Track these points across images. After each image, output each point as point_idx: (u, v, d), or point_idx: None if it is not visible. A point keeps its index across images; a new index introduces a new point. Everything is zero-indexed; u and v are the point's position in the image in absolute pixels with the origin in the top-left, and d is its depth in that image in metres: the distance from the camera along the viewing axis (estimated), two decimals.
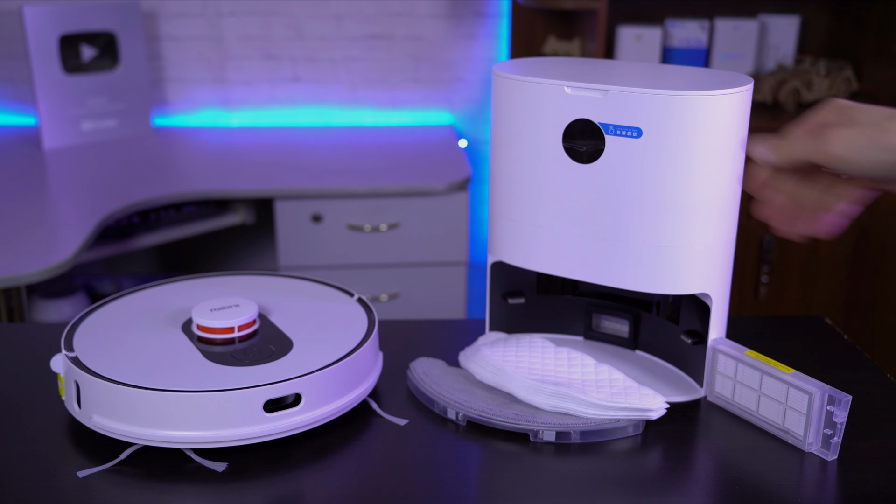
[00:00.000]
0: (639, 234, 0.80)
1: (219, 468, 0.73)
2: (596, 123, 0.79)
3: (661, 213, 0.79)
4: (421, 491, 0.72)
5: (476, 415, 0.80)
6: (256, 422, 0.74)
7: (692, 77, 0.81)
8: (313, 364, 0.78)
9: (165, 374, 0.76)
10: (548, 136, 0.81)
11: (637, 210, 0.79)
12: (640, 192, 0.79)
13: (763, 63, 2.45)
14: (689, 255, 0.80)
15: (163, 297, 0.91)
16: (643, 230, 0.80)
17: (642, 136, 0.77)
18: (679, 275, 0.81)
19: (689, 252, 0.80)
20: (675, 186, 0.78)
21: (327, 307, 0.90)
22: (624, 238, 0.81)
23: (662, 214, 0.79)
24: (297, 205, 1.99)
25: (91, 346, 0.81)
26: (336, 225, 2.02)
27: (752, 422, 0.81)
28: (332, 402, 0.78)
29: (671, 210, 0.78)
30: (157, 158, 2.22)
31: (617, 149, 0.78)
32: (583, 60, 0.91)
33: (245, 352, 0.80)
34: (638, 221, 0.80)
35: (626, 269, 0.81)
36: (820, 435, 0.75)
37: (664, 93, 0.76)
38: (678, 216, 0.79)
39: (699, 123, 0.76)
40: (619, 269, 0.82)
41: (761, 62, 2.45)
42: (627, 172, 0.79)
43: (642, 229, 0.80)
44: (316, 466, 0.75)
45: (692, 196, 0.78)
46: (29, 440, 0.78)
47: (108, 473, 0.73)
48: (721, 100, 0.76)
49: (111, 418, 0.74)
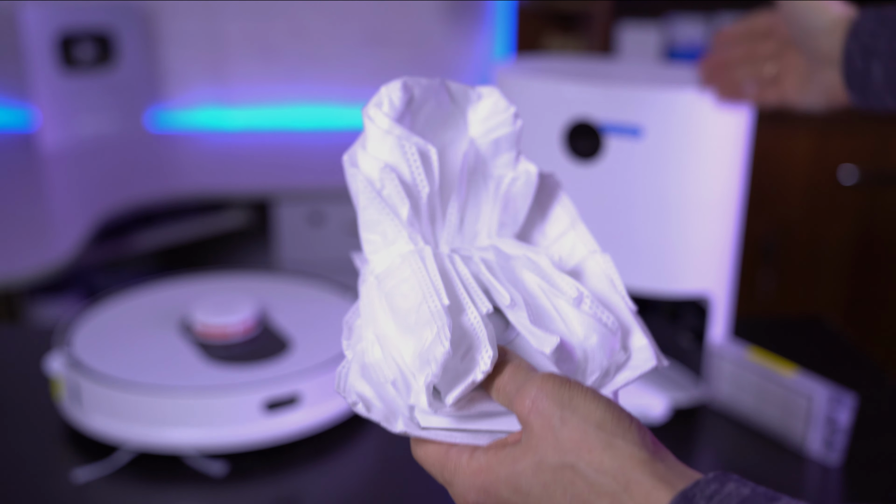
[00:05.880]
0: (639, 233, 0.80)
1: (218, 471, 0.73)
2: (596, 122, 0.78)
3: (662, 212, 0.78)
4: (421, 492, 0.72)
5: None
6: (256, 421, 0.74)
7: (693, 75, 0.81)
8: (313, 363, 0.78)
9: (164, 372, 0.76)
10: (548, 135, 0.81)
11: (637, 209, 0.79)
12: (640, 192, 0.78)
13: None
14: (689, 255, 0.80)
15: (162, 297, 0.91)
16: (644, 229, 0.79)
17: (643, 135, 0.77)
18: (679, 274, 0.80)
19: (690, 251, 0.80)
20: (675, 186, 0.77)
21: (328, 306, 0.89)
22: (625, 237, 0.80)
23: (663, 214, 0.79)
24: (297, 204, 1.99)
25: (89, 345, 0.80)
26: (336, 224, 2.02)
27: (752, 422, 0.81)
28: (332, 402, 0.78)
29: (672, 209, 0.78)
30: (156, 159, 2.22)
31: (617, 148, 0.78)
32: (583, 59, 0.91)
33: (245, 351, 0.80)
34: (638, 221, 0.79)
35: (627, 268, 0.81)
36: (821, 435, 0.75)
37: (665, 91, 0.75)
38: (679, 216, 0.78)
39: (700, 122, 0.76)
40: (620, 268, 0.81)
41: None
42: (628, 171, 0.78)
43: (643, 228, 0.79)
44: (315, 469, 0.75)
45: (693, 195, 0.78)
46: (23, 445, 0.78)
47: (106, 478, 0.73)
48: None
49: (109, 417, 0.74)
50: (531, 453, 0.37)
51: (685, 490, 0.34)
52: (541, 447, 0.37)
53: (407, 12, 2.55)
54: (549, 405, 0.36)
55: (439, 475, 0.40)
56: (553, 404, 0.36)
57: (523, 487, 0.37)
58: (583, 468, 0.36)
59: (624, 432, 0.36)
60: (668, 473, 0.35)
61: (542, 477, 0.37)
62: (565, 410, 0.36)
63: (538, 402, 0.37)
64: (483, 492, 0.38)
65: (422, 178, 0.43)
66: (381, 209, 0.42)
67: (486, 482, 0.38)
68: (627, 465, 0.35)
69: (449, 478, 0.39)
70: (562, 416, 0.36)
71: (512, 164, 0.46)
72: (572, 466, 0.36)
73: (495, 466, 0.38)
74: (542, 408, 0.36)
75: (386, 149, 0.43)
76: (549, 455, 0.36)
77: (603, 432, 0.36)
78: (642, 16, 2.41)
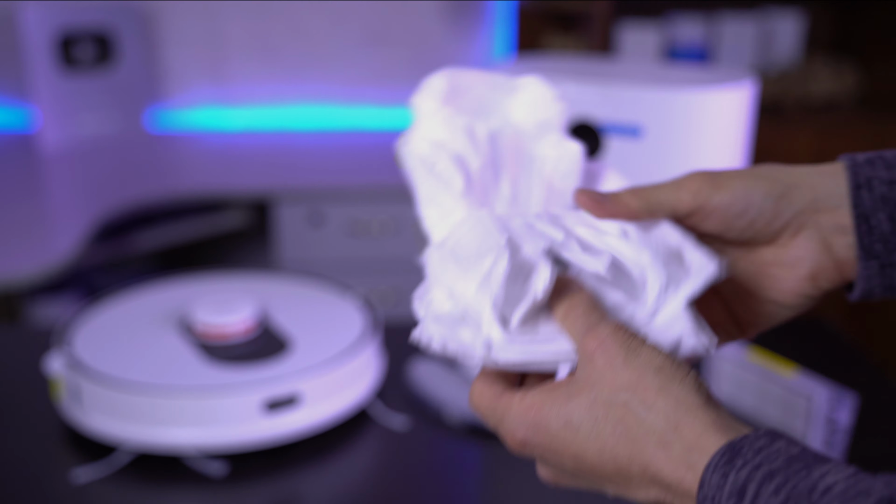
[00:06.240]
0: None
1: (218, 471, 0.73)
2: (596, 122, 0.78)
3: None
4: (420, 493, 0.72)
5: (476, 416, 0.79)
6: (256, 421, 0.74)
7: (693, 75, 0.81)
8: (314, 363, 0.78)
9: (164, 372, 0.76)
10: None
11: None
12: None
13: (766, 60, 2.44)
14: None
15: (162, 297, 0.91)
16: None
17: (643, 135, 0.77)
18: None
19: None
20: None
21: (328, 306, 0.89)
22: None
23: None
24: (297, 204, 1.99)
25: (89, 345, 0.80)
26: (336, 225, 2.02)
27: (753, 422, 0.81)
28: (332, 401, 0.78)
29: None
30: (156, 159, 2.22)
31: (617, 148, 0.78)
32: (583, 59, 0.91)
33: (245, 351, 0.80)
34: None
35: None
36: (822, 435, 0.75)
37: (665, 91, 0.75)
38: None
39: (700, 122, 0.76)
40: None
41: (764, 59, 2.44)
42: (628, 171, 0.78)
43: None
44: (315, 469, 0.75)
45: None
46: (23, 445, 0.78)
47: (106, 478, 0.73)
48: (722, 97, 0.75)
49: (109, 417, 0.74)
50: (587, 389, 0.38)
51: (734, 441, 0.34)
52: (598, 384, 0.37)
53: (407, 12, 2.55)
54: (616, 347, 0.37)
55: (490, 417, 0.40)
56: (620, 347, 0.38)
57: (574, 422, 0.38)
58: (635, 405, 0.36)
59: (682, 378, 0.37)
60: (719, 421, 0.35)
61: (595, 412, 0.37)
62: (630, 354, 0.37)
63: (607, 343, 0.38)
64: (533, 427, 0.38)
65: (471, 153, 0.45)
66: (436, 184, 0.44)
67: (536, 418, 0.38)
68: (680, 407, 0.36)
69: (500, 416, 0.39)
70: (625, 358, 0.37)
71: (556, 145, 0.48)
72: (625, 403, 0.37)
73: (548, 402, 0.38)
74: (608, 347, 0.37)
75: (435, 128, 0.45)
76: (604, 391, 0.37)
77: (660, 376, 0.37)
78: (642, 15, 2.41)
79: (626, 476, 0.37)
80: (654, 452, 0.36)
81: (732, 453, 0.33)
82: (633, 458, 0.36)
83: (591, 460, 0.37)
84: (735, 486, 0.33)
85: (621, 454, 0.36)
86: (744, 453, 0.33)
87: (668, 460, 0.35)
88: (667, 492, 0.36)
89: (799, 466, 0.32)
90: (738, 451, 0.33)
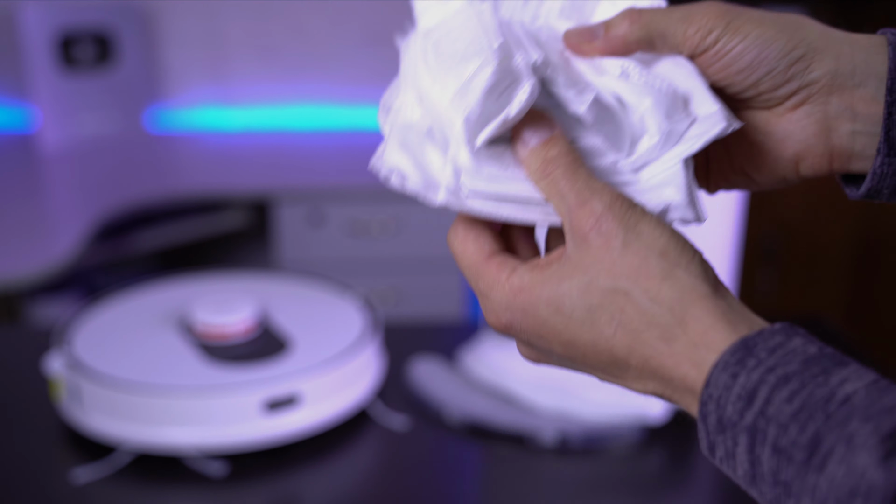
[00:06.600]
0: None
1: (218, 471, 0.73)
2: None
3: None
4: (420, 493, 0.72)
5: (476, 416, 0.79)
6: (256, 421, 0.74)
7: None
8: (314, 363, 0.78)
9: (164, 372, 0.76)
10: None
11: None
12: None
13: None
14: None
15: (162, 297, 0.91)
16: None
17: None
18: None
19: None
20: None
21: (328, 306, 0.89)
22: None
23: None
24: (297, 204, 1.99)
25: (89, 345, 0.80)
26: (336, 224, 2.02)
27: None
28: (332, 401, 0.78)
29: None
30: (156, 159, 2.22)
31: None
32: None
33: (245, 351, 0.80)
34: None
35: None
36: None
37: None
38: None
39: None
40: None
41: None
42: None
43: None
44: (315, 469, 0.75)
45: None
46: (23, 445, 0.78)
47: (106, 478, 0.72)
48: None
49: (109, 417, 0.74)
50: (581, 272, 0.33)
51: (747, 338, 0.31)
52: (594, 268, 0.33)
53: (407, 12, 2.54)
54: (614, 226, 0.33)
55: (474, 283, 0.36)
56: (618, 226, 0.33)
57: (566, 308, 0.34)
58: (637, 295, 0.33)
59: (687, 263, 0.33)
60: (729, 313, 0.32)
61: (589, 299, 0.33)
62: (629, 234, 0.33)
63: (603, 222, 0.33)
64: (520, 311, 0.34)
65: None
66: None
67: (525, 302, 0.34)
68: (687, 297, 0.32)
69: (485, 290, 0.35)
70: (625, 239, 0.33)
71: None
72: (626, 292, 0.33)
73: (538, 286, 0.34)
74: (605, 228, 0.33)
75: None
76: (601, 277, 0.33)
77: (665, 261, 0.33)
78: None
79: (623, 367, 0.34)
80: (657, 346, 0.32)
81: (745, 352, 0.30)
82: (632, 350, 0.33)
83: (583, 348, 0.34)
84: (745, 388, 0.30)
85: (619, 345, 0.33)
86: (757, 352, 0.30)
87: (671, 355, 0.32)
88: (666, 386, 0.33)
89: (816, 370, 0.29)
90: (751, 350, 0.30)
